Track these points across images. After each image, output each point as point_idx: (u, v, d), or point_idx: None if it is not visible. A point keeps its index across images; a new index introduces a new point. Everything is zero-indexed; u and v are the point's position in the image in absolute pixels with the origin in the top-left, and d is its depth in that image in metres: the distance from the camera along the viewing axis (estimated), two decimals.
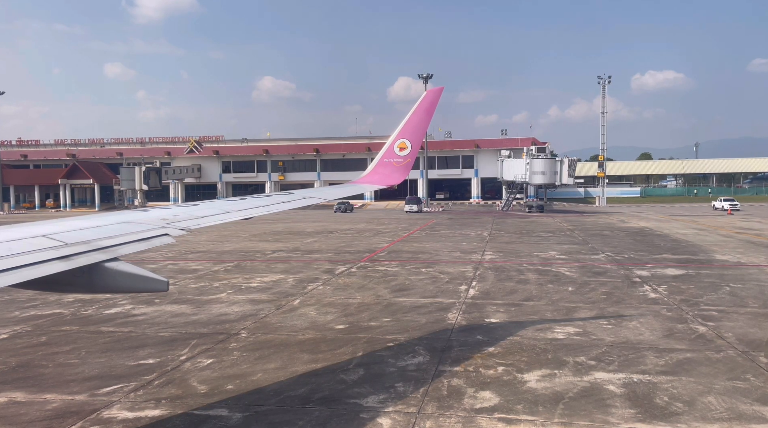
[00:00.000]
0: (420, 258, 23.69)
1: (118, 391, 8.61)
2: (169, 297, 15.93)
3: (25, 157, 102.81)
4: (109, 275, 4.63)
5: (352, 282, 17.85)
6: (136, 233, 5.40)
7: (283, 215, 64.36)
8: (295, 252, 26.47)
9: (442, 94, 10.04)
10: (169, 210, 6.53)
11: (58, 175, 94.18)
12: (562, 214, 59.63)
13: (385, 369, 9.16)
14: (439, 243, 29.46)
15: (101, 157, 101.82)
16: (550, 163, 58.67)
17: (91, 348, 11.03)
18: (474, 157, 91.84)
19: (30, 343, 11.45)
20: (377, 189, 9.83)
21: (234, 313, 13.78)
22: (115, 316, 13.81)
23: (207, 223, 6.29)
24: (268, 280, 18.64)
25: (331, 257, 24.64)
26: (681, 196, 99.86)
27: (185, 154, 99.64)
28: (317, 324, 12.40)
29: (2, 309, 14.75)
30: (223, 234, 38.24)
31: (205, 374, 9.24)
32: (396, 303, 14.53)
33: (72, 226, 5.33)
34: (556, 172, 58.09)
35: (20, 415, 7.82)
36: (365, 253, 25.67)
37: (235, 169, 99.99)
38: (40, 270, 4.21)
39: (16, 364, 10.06)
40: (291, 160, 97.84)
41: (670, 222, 43.93)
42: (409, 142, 9.70)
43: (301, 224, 47.73)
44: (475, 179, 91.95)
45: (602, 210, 67.56)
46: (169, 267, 22.13)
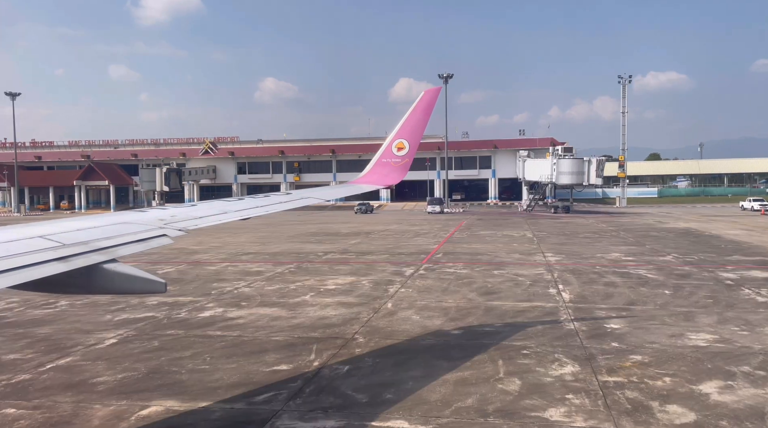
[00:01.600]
0: (481, 259, 23.34)
1: (273, 399, 8.29)
2: (255, 300, 15.68)
3: (39, 158, 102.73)
4: (107, 276, 4.55)
5: (431, 284, 17.51)
6: (134, 234, 5.31)
7: (308, 216, 64.14)
8: (348, 254, 26.16)
9: (439, 94, 9.88)
10: (167, 210, 6.42)
11: (73, 177, 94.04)
12: (589, 214, 59.14)
13: (541, 379, 8.79)
14: (490, 245, 29.10)
15: (115, 159, 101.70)
16: (577, 163, 58.15)
17: (213, 353, 10.72)
18: (491, 158, 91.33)
19: (146, 348, 11.16)
20: (375, 189, 9.75)
21: (334, 317, 13.47)
22: (212, 320, 13.51)
23: (205, 224, 6.21)
24: (342, 282, 18.32)
25: (389, 258, 24.30)
26: (697, 196, 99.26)
27: (200, 155, 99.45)
28: (430, 329, 12.05)
29: (91, 312, 14.47)
30: (261, 235, 37.98)
31: (353, 381, 8.90)
32: (495, 306, 14.18)
33: (69, 227, 5.22)
34: (583, 172, 57.56)
35: (189, 425, 7.53)
36: (420, 255, 25.32)
37: (250, 170, 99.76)
38: (38, 272, 4.13)
39: (148, 370, 9.75)
40: (306, 161, 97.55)
41: (710, 222, 43.45)
42: (407, 142, 9.65)
43: (332, 225, 47.42)
44: (493, 180, 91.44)
45: (626, 210, 67.04)
46: (230, 269, 21.83)
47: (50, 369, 10.00)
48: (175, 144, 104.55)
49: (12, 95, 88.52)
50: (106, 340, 11.79)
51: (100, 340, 11.81)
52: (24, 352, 11.04)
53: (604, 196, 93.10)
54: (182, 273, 20.97)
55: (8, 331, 12.68)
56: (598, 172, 56.98)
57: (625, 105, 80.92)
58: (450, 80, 79.66)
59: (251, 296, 16.32)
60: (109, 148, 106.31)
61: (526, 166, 70.06)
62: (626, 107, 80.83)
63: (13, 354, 10.92)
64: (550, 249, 26.76)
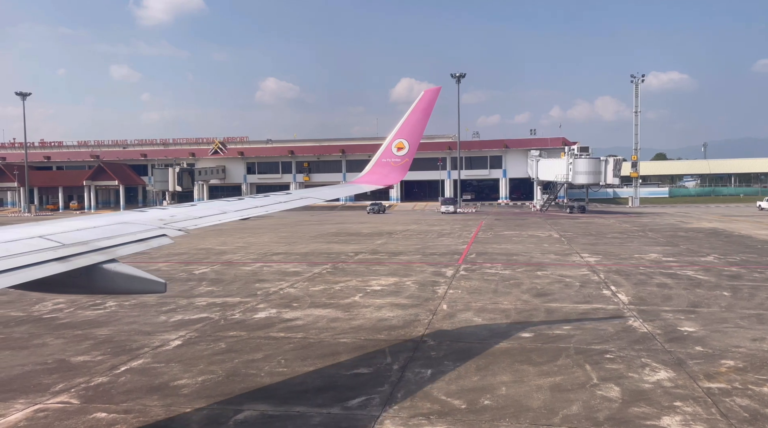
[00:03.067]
0: (518, 260, 23.10)
1: (367, 404, 8.07)
2: (305, 301, 15.45)
3: (48, 158, 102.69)
4: (107, 276, 4.54)
5: (478, 285, 17.27)
6: (134, 234, 5.29)
7: (322, 216, 64.06)
8: (379, 255, 25.91)
9: (439, 94, 9.79)
10: (167, 210, 6.38)
11: (83, 177, 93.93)
12: (605, 214, 58.76)
13: (639, 385, 8.51)
14: (520, 245, 28.84)
15: (124, 159, 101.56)
16: (594, 162, 57.78)
17: (285, 355, 10.51)
18: (502, 158, 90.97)
19: (215, 350, 10.95)
20: (375, 189, 9.71)
21: (393, 318, 13.24)
22: (269, 321, 13.29)
23: (205, 224, 6.19)
24: (386, 283, 18.09)
25: (422, 259, 24.08)
26: (707, 196, 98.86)
27: (209, 155, 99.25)
28: (497, 332, 11.81)
29: (143, 313, 14.28)
30: (283, 235, 37.79)
31: (442, 386, 8.66)
32: (554, 309, 13.94)
33: (69, 227, 5.19)
34: (600, 172, 57.21)
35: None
36: (453, 255, 25.09)
37: (260, 170, 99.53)
38: (38, 272, 4.11)
39: (226, 373, 9.55)
40: (316, 161, 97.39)
41: (733, 222, 43.08)
42: (406, 142, 9.59)
43: (350, 225, 47.20)
44: (504, 179, 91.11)
45: (641, 210, 66.61)
46: (266, 270, 21.63)
47: (125, 371, 9.82)
48: (184, 144, 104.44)
49: (22, 95, 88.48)
50: (170, 342, 11.61)
51: (164, 342, 11.64)
52: (91, 354, 10.86)
53: (615, 195, 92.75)
54: (219, 274, 20.78)
55: (67, 332, 12.52)
56: (615, 172, 56.64)
57: (638, 104, 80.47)
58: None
59: (299, 297, 16.12)
60: (118, 148, 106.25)
61: (540, 166, 69.71)
62: (639, 107, 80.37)
63: (81, 356, 10.75)
64: (584, 249, 26.52)
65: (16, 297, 16.43)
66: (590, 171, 56.99)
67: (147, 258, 26.22)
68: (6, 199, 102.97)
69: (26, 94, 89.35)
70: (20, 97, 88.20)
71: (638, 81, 79.64)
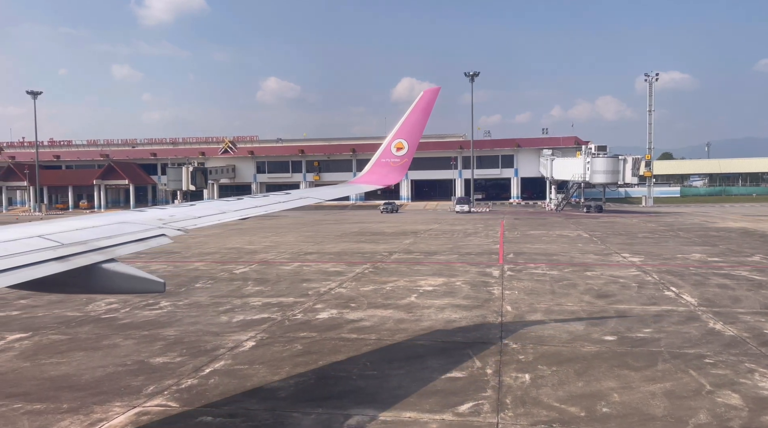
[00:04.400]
0: (559, 260, 22.79)
1: (479, 410, 7.78)
2: (361, 301, 15.17)
3: (57, 157, 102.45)
4: (106, 276, 4.53)
5: (531, 286, 16.96)
6: (133, 233, 5.27)
7: (337, 215, 63.76)
8: (413, 254, 25.58)
9: (439, 94, 9.72)
10: (166, 210, 6.35)
11: (93, 176, 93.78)
12: (623, 214, 58.31)
13: (759, 392, 8.23)
14: (554, 245, 28.51)
15: (134, 158, 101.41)
16: (612, 161, 57.36)
17: (368, 357, 10.26)
18: (514, 157, 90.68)
19: (293, 352, 10.69)
20: (374, 188, 9.64)
21: (461, 320, 12.97)
22: (335, 322, 13.01)
23: (204, 223, 6.19)
24: (435, 283, 17.80)
25: (459, 258, 23.76)
26: (718, 196, 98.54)
27: (219, 154, 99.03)
28: (576, 334, 11.52)
29: (202, 313, 14.04)
30: (307, 234, 37.53)
31: (548, 392, 8.39)
32: (623, 310, 13.62)
33: (68, 227, 5.18)
34: (618, 171, 56.79)
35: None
36: (490, 255, 24.76)
37: (270, 170, 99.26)
38: (37, 272, 4.09)
39: (316, 376, 9.29)
40: (326, 160, 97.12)
41: (759, 222, 42.57)
42: (406, 142, 9.52)
43: (369, 225, 46.89)
44: (515, 179, 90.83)
45: (658, 210, 66.12)
46: (306, 269, 21.37)
47: (211, 373, 9.56)
48: (194, 143, 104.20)
49: (33, 94, 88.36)
50: (243, 343, 11.35)
51: (237, 343, 11.39)
52: (168, 355, 10.61)
53: (627, 195, 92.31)
54: (261, 274, 20.53)
55: (133, 333, 12.28)
56: (634, 171, 56.22)
57: (652, 103, 79.95)
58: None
59: (354, 297, 15.85)
60: (127, 147, 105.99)
61: (555, 165, 69.28)
62: (653, 105, 79.93)
63: (159, 357, 10.51)
64: (622, 249, 26.20)
65: (64, 297, 16.22)
66: (608, 170, 56.57)
67: (180, 257, 26.00)
68: (15, 198, 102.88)
69: (37, 93, 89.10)
70: (31, 95, 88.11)
71: (652, 80, 79.10)
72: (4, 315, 14.07)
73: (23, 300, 15.83)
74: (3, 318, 13.84)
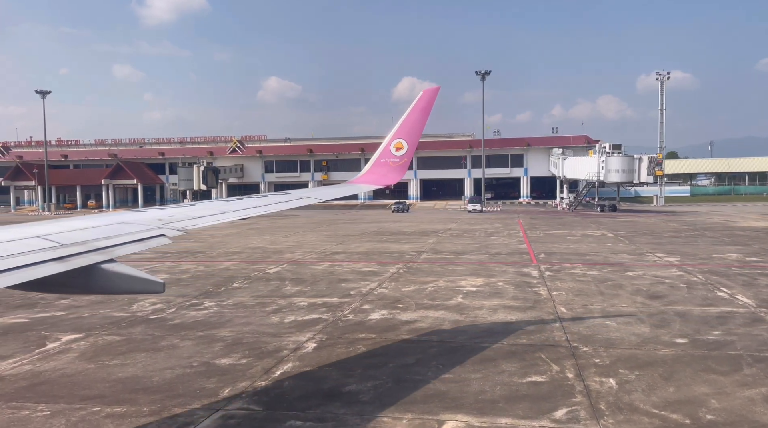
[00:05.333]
0: (594, 260, 22.52)
1: (576, 417, 7.49)
2: (408, 302, 14.92)
3: (65, 157, 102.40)
4: (105, 276, 4.52)
5: (576, 287, 16.68)
6: (133, 234, 5.28)
7: (348, 215, 63.54)
8: (442, 254, 25.33)
9: (438, 94, 9.69)
10: (166, 210, 6.35)
11: (101, 175, 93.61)
12: (638, 213, 57.95)
13: None
14: (582, 245, 28.25)
15: (142, 157, 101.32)
16: (627, 160, 57.02)
17: (438, 359, 9.96)
18: (523, 156, 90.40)
19: (359, 353, 10.46)
20: (374, 188, 9.60)
21: (519, 322, 12.69)
22: (389, 323, 12.69)
23: (203, 224, 6.19)
24: (477, 284, 17.55)
25: (491, 258, 23.47)
26: (727, 195, 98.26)
27: (228, 153, 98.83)
28: (644, 337, 11.23)
29: (250, 314, 13.79)
30: (326, 234, 37.34)
31: (641, 397, 8.11)
32: (683, 312, 13.34)
33: (68, 227, 5.19)
34: (634, 170, 56.45)
35: None
36: (521, 255, 24.47)
37: (278, 169, 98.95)
38: (36, 272, 4.09)
39: (392, 379, 9.00)
40: (335, 160, 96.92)
41: None
42: (405, 141, 9.50)
43: (386, 224, 46.66)
44: (525, 178, 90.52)
45: (672, 209, 65.73)
46: (338, 269, 21.15)
47: (284, 376, 9.35)
48: (202, 142, 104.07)
49: (42, 93, 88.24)
50: (304, 344, 11.13)
51: (298, 344, 11.16)
52: (232, 357, 10.39)
53: (636, 194, 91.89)
54: (296, 274, 20.29)
55: (189, 334, 12.07)
56: (650, 170, 55.89)
57: (663, 101, 79.51)
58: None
59: (399, 298, 15.59)
60: (135, 146, 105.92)
61: (567, 164, 68.94)
62: (664, 104, 79.49)
63: (224, 359, 10.28)
64: (654, 249, 25.91)
65: (105, 297, 16.03)
66: (623, 169, 56.21)
67: (207, 257, 25.79)
68: (23, 197, 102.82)
69: (46, 92, 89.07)
70: (40, 95, 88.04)
71: (663, 78, 78.80)
72: (50, 316, 13.88)
73: (64, 300, 15.65)
74: (50, 318, 13.65)
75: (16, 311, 14.42)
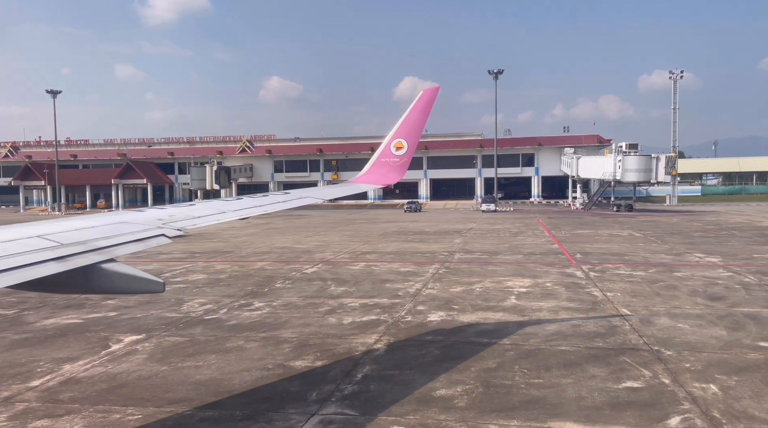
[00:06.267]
0: (632, 260, 22.16)
1: (693, 426, 7.15)
2: (461, 303, 14.60)
3: (74, 156, 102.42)
4: (105, 276, 4.52)
5: (628, 288, 16.33)
6: (132, 233, 5.28)
7: (361, 215, 63.28)
8: (475, 254, 24.98)
9: (438, 93, 9.69)
10: (166, 210, 6.35)
11: (110, 175, 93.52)
12: (655, 213, 57.49)
13: None
14: (615, 245, 27.90)
15: (151, 157, 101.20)
16: (645, 159, 56.62)
17: (519, 363, 9.61)
18: (534, 155, 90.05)
19: (434, 356, 10.13)
20: (374, 188, 9.62)
21: (587, 324, 12.32)
22: (450, 325, 12.42)
23: (204, 223, 6.21)
24: (524, 284, 17.20)
25: (527, 259, 23.10)
26: (737, 195, 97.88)
27: (237, 153, 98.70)
28: (727, 341, 10.89)
29: (305, 315, 13.54)
30: (349, 234, 37.06)
31: (751, 404, 7.77)
32: (752, 314, 13.01)
33: (68, 227, 5.19)
34: (651, 170, 56.04)
35: None
36: (556, 255, 24.15)
37: (287, 169, 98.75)
38: (35, 272, 4.09)
39: (482, 385, 8.69)
40: (345, 159, 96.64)
41: None
42: (405, 141, 9.51)
43: (403, 224, 46.33)
44: (536, 177, 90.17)
45: (688, 208, 65.26)
46: (375, 269, 20.76)
47: (365, 379, 9.05)
48: (211, 142, 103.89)
49: (53, 93, 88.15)
50: (374, 347, 10.81)
51: (367, 346, 10.86)
52: (305, 359, 10.10)
53: (647, 194, 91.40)
54: (334, 274, 20.00)
55: (251, 335, 11.77)
56: (667, 169, 55.47)
57: (677, 101, 79.03)
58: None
59: (449, 299, 15.26)
60: (144, 146, 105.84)
61: (581, 164, 68.54)
62: (677, 103, 79.08)
63: (297, 361, 9.98)
64: (690, 249, 25.56)
65: (151, 297, 15.78)
66: (641, 168, 55.82)
67: (237, 256, 25.55)
68: (32, 197, 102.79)
69: (57, 92, 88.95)
70: (51, 94, 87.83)
71: (677, 77, 78.36)
72: (103, 317, 13.61)
73: (110, 300, 15.39)
74: (103, 319, 13.38)
75: (65, 311, 14.19)
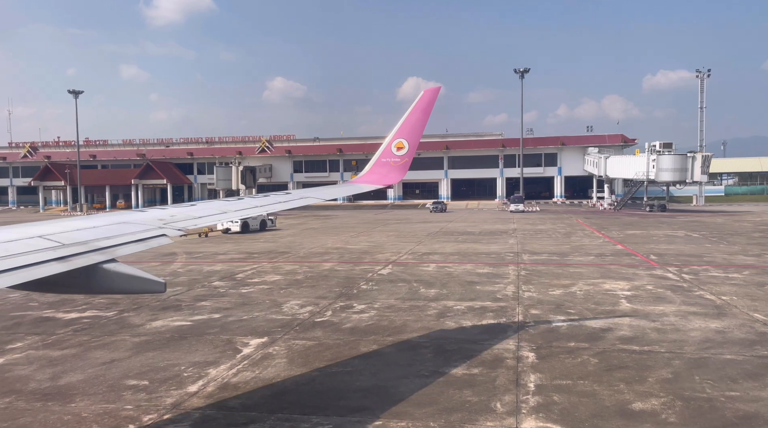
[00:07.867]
0: (714, 261, 21.38)
1: None
2: (571, 307, 13.98)
3: (93, 157, 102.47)
4: (107, 276, 4.54)
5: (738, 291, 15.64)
6: (134, 234, 5.31)
7: (388, 215, 62.55)
8: (543, 255, 24.22)
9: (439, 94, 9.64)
10: (167, 210, 6.38)
11: (130, 175, 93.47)
12: (688, 213, 56.40)
13: None
14: (681, 246, 27.10)
15: (170, 157, 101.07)
16: (680, 159, 55.61)
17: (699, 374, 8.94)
18: (557, 155, 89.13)
19: (597, 366, 9.42)
20: (374, 188, 9.72)
21: (724, 330, 11.62)
22: (580, 331, 11.69)
23: (204, 224, 6.24)
24: (622, 287, 16.39)
25: (598, 260, 22.35)
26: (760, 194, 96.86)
27: (257, 153, 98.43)
28: None
29: (419, 319, 12.91)
30: (393, 234, 36.41)
31: None
32: None
33: (69, 227, 5.23)
34: (687, 169, 54.99)
35: None
36: (630, 256, 23.39)
37: (307, 169, 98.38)
38: (37, 272, 4.12)
39: (676, 397, 8.00)
40: (364, 159, 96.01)
41: None
42: (406, 141, 9.53)
43: (441, 224, 45.52)
44: (559, 177, 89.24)
45: (717, 208, 64.19)
46: (451, 271, 20.11)
47: (540, 389, 8.37)
48: (230, 142, 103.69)
49: (75, 93, 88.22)
50: (520, 354, 10.15)
51: (512, 353, 10.18)
52: (457, 366, 9.48)
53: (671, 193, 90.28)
54: (412, 275, 19.32)
55: (378, 339, 11.10)
56: (704, 169, 54.39)
57: (704, 100, 78.04)
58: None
59: (557, 302, 14.53)
60: (162, 146, 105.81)
61: (609, 163, 67.59)
62: (704, 102, 78.05)
63: (452, 368, 9.31)
64: (765, 250, 24.78)
65: (245, 299, 15.20)
66: (676, 168, 54.80)
67: (297, 257, 24.99)
68: (50, 197, 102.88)
69: (78, 92, 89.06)
70: (73, 94, 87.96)
71: (704, 76, 77.34)
72: (208, 318, 13.04)
73: (204, 302, 14.85)
74: (210, 321, 12.77)
75: (166, 313, 13.65)
